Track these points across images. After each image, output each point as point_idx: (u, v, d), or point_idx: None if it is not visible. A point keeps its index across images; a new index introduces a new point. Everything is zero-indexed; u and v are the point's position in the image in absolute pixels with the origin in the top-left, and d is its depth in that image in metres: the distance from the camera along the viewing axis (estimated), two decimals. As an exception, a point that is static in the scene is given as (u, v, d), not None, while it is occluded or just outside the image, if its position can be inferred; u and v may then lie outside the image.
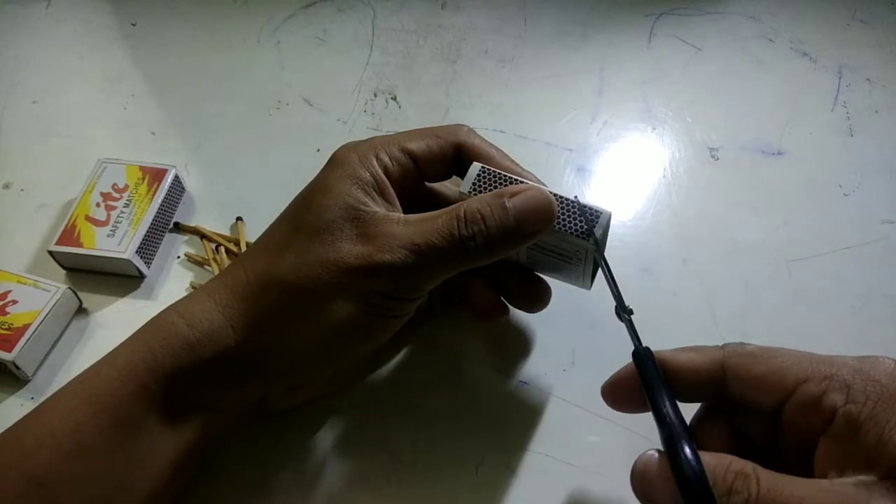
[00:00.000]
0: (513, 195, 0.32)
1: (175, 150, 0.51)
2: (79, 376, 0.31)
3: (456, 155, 0.35)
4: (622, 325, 0.32)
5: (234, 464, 0.36)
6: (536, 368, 0.40)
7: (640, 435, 0.36)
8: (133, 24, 0.60)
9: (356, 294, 0.31)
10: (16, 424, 0.31)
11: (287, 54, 0.58)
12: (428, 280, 0.32)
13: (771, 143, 0.50)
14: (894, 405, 0.25)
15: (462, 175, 0.34)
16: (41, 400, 0.39)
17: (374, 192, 0.33)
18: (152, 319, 0.33)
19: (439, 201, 0.37)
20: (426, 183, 0.37)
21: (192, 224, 0.47)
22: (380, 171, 0.33)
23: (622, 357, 0.32)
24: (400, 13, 0.60)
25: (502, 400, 0.39)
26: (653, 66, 0.55)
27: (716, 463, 0.26)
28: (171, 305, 0.33)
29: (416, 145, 0.34)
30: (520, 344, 0.41)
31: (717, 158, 0.50)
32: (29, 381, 0.40)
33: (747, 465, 0.25)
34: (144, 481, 0.30)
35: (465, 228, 0.31)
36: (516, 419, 0.38)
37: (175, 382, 0.31)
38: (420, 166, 0.35)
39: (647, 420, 0.30)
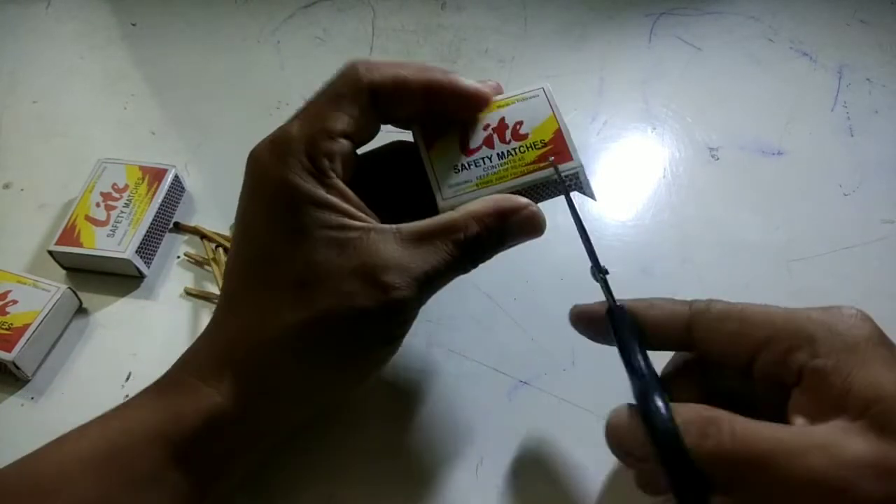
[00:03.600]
0: (511, 214, 0.31)
1: (175, 150, 0.51)
2: (99, 426, 0.30)
3: (373, 102, 0.31)
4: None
5: (234, 464, 0.36)
6: (536, 368, 0.40)
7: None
8: (133, 24, 0.60)
9: (375, 337, 0.31)
10: (30, 464, 0.29)
11: (287, 54, 0.57)
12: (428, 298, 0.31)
13: (771, 143, 0.50)
14: (856, 354, 0.26)
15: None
16: (41, 400, 0.40)
17: (340, 202, 0.30)
18: (171, 380, 0.31)
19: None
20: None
21: (192, 224, 0.47)
22: (329, 172, 0.30)
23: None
24: (400, 13, 0.60)
25: (502, 400, 0.39)
26: (653, 66, 0.55)
27: (687, 411, 0.26)
28: (190, 367, 0.31)
29: (339, 124, 0.30)
30: (520, 344, 0.41)
31: (717, 158, 0.50)
32: (29, 381, 0.40)
33: (721, 412, 0.26)
34: None
35: (467, 256, 0.31)
36: (516, 419, 0.38)
37: (197, 446, 0.30)
38: (354, 141, 0.32)
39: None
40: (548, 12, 0.59)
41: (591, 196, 0.34)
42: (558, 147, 0.33)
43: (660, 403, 0.27)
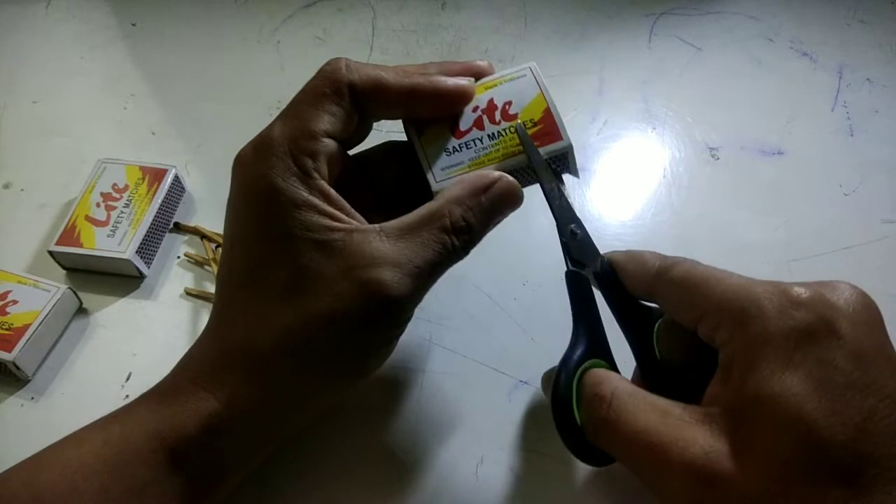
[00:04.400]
0: (486, 189, 0.31)
1: (175, 150, 0.51)
2: (100, 431, 0.30)
3: (354, 101, 0.31)
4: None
5: (234, 464, 0.36)
6: (536, 368, 0.40)
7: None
8: (133, 24, 0.60)
9: (371, 338, 0.31)
10: (31, 470, 0.29)
11: (287, 54, 0.57)
12: (424, 293, 0.31)
13: (771, 143, 0.50)
14: (768, 345, 0.25)
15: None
16: (41, 400, 0.40)
17: (321, 203, 0.30)
18: (170, 385, 0.31)
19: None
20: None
21: (192, 224, 0.47)
22: (312, 173, 0.30)
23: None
24: (400, 13, 0.60)
25: (502, 400, 0.39)
26: (653, 66, 0.55)
27: (587, 383, 0.29)
28: (187, 372, 0.31)
29: (321, 123, 0.30)
30: (520, 344, 0.41)
31: (718, 158, 0.50)
32: (29, 381, 0.40)
33: (609, 390, 0.28)
34: None
35: (457, 240, 0.30)
36: (516, 419, 0.38)
37: (196, 451, 0.30)
38: (340, 142, 0.32)
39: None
40: (548, 12, 0.59)
41: (575, 174, 0.34)
42: (548, 126, 0.33)
43: (564, 376, 0.29)
